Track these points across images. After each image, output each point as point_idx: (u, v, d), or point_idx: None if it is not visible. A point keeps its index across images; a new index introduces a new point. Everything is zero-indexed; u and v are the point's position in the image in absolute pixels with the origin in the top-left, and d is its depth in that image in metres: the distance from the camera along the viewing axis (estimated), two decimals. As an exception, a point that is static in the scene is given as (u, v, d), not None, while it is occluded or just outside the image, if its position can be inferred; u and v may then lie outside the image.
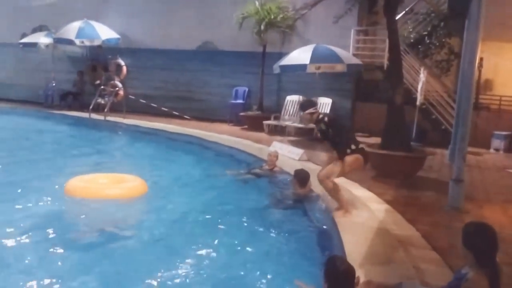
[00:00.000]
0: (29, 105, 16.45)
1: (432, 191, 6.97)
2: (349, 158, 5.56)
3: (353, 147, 5.62)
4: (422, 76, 10.85)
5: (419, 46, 12.02)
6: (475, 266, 2.87)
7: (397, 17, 9.30)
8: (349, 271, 3.14)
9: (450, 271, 3.93)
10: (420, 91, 10.85)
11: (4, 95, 17.75)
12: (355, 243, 4.60)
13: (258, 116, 13.02)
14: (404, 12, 11.60)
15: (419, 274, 4.00)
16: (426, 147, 9.33)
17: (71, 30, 14.66)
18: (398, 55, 8.36)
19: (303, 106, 5.84)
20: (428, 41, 11.92)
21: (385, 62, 11.48)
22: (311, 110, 5.71)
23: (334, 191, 5.64)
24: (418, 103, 10.91)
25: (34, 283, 3.94)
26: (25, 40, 16.32)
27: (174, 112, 14.41)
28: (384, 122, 8.25)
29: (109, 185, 6.23)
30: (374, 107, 11.77)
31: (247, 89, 14.08)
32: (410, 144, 8.23)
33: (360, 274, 3.67)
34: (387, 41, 9.26)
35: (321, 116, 5.70)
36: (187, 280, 4.10)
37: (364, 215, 5.64)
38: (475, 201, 6.42)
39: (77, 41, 14.53)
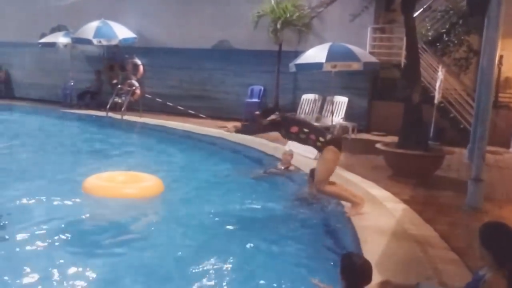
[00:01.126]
0: (48, 104, 16.67)
1: (450, 191, 6.88)
2: (326, 155, 5.46)
3: (321, 139, 5.53)
4: (440, 74, 10.71)
5: (437, 44, 11.85)
6: (493, 267, 2.82)
7: (415, 14, 9.19)
8: (366, 266, 3.13)
9: (469, 271, 3.88)
10: (438, 89, 10.72)
11: (24, 94, 18.05)
12: (372, 242, 4.57)
13: (273, 115, 12.97)
14: (422, 9, 11.46)
15: (437, 274, 3.96)
16: (444, 146, 9.20)
17: (89, 30, 14.82)
18: (416, 53, 8.26)
19: (264, 114, 5.82)
20: (446, 38, 11.75)
21: (402, 60, 11.34)
22: (272, 117, 5.70)
23: (339, 191, 5.58)
24: (436, 101, 10.78)
25: (49, 279, 4.00)
26: (44, 40, 16.54)
27: (190, 111, 14.47)
28: (401, 121, 8.17)
29: (126, 184, 6.28)
30: (391, 105, 11.65)
31: (262, 88, 14.06)
32: (428, 143, 8.14)
33: (377, 274, 3.65)
34: (404, 39, 9.15)
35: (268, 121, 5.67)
36: (204, 280, 4.11)
37: (380, 214, 5.59)
38: (494, 201, 6.31)
39: (95, 41, 14.68)
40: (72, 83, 16.43)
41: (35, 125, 13.36)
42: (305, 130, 5.70)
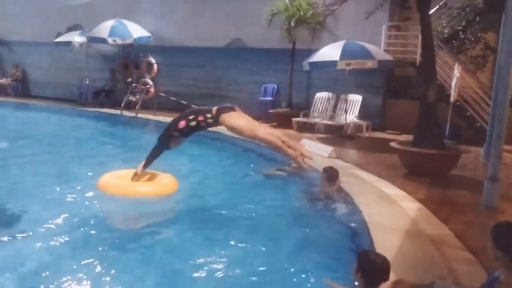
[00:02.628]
0: (64, 102, 16.88)
1: (466, 190, 6.80)
2: (229, 122, 5.88)
3: (209, 115, 5.86)
4: (456, 72, 10.57)
5: (454, 42, 11.72)
6: (508, 267, 2.77)
7: (431, 11, 9.08)
8: (385, 264, 3.11)
9: (485, 271, 3.82)
10: (454, 87, 10.58)
11: (40, 93, 18.30)
12: (386, 241, 4.53)
13: (287, 113, 12.98)
14: (437, 6, 11.34)
15: (452, 274, 3.91)
16: (460, 145, 9.09)
17: (104, 29, 14.97)
18: (432, 50, 8.17)
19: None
20: (462, 36, 11.62)
21: (418, 58, 11.25)
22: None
23: (273, 139, 5.69)
24: (452, 99, 10.65)
25: (63, 276, 4.03)
26: (60, 39, 16.75)
27: (204, 109, 14.51)
28: (416, 119, 8.09)
29: (140, 182, 6.31)
30: (405, 104, 11.55)
31: (276, 86, 14.05)
32: (443, 142, 8.03)
33: (391, 274, 3.61)
34: (420, 36, 9.05)
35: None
36: (215, 277, 4.13)
37: (395, 213, 5.55)
38: (511, 201, 6.21)
39: (110, 40, 14.82)
40: (87, 82, 16.61)
41: (51, 123, 13.53)
42: (191, 117, 5.74)
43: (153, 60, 14.91)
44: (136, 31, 15.12)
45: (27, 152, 8.98)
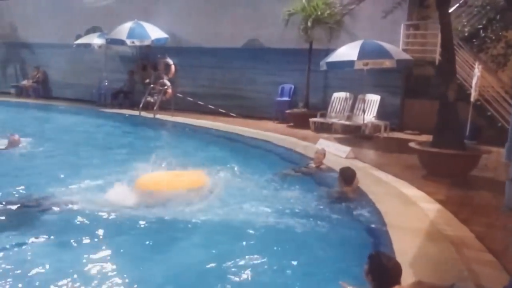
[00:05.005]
0: (83, 103, 17.11)
1: (487, 191, 6.68)
2: None
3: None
4: (477, 71, 10.39)
5: (474, 40, 11.53)
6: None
7: (450, 10, 8.95)
8: (396, 267, 3.07)
9: (507, 274, 3.76)
10: (475, 86, 10.40)
11: (61, 94, 18.59)
12: (405, 242, 4.49)
13: (304, 113, 12.94)
14: (457, 5, 11.16)
15: (472, 276, 3.85)
16: (481, 145, 8.94)
17: (123, 30, 15.13)
18: (451, 49, 8.06)
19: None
20: (483, 34, 11.41)
21: (437, 57, 11.09)
22: None
23: None
24: (472, 99, 10.47)
25: (102, 267, 4.26)
26: (79, 41, 16.99)
27: (221, 110, 14.58)
28: (435, 119, 7.98)
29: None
30: (424, 103, 11.41)
31: (293, 86, 14.01)
32: (464, 142, 7.90)
33: (410, 275, 3.58)
34: (439, 35, 8.93)
35: None
36: (234, 274, 4.16)
37: (414, 215, 5.49)
38: (534, 202, 6.08)
39: (128, 41, 14.98)
40: (106, 83, 16.81)
41: (73, 124, 13.77)
42: None
43: (170, 61, 15.01)
44: (154, 32, 15.25)
45: (53, 152, 9.23)
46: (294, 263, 4.44)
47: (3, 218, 5.45)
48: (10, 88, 19.56)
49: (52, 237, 4.94)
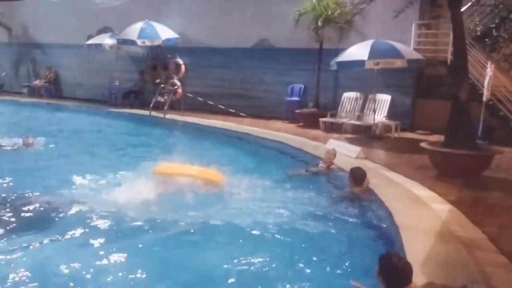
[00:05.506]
0: (94, 103, 17.24)
1: (500, 192, 6.60)
2: None
3: None
4: (489, 70, 10.27)
5: (486, 40, 11.39)
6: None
7: (462, 9, 8.86)
8: (406, 268, 3.05)
9: (521, 276, 3.71)
10: (487, 86, 10.28)
11: (72, 94, 18.75)
12: (416, 243, 4.46)
13: (314, 113, 12.90)
14: (470, 3, 11.05)
15: (485, 278, 3.81)
16: (493, 146, 8.83)
17: (133, 31, 15.21)
18: (464, 49, 7.98)
19: None
20: (496, 34, 11.27)
21: (449, 56, 10.98)
22: None
23: None
24: (484, 99, 10.35)
25: (117, 264, 4.40)
26: (91, 41, 17.11)
27: (231, 110, 14.59)
28: (447, 119, 7.91)
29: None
30: (436, 103, 11.30)
31: (303, 86, 13.98)
32: (476, 142, 7.82)
33: (422, 276, 3.55)
34: (451, 34, 8.85)
35: None
36: (247, 270, 4.22)
37: (425, 215, 5.44)
38: (548, 203, 6.00)
39: (139, 42, 15.05)
40: (117, 83, 16.91)
41: (84, 123, 13.95)
42: None
43: (181, 61, 15.07)
44: (165, 32, 15.31)
45: (65, 151, 9.40)
46: (304, 263, 4.43)
47: (21, 217, 5.53)
48: (22, 88, 19.76)
49: (68, 234, 5.01)
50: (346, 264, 4.40)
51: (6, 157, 8.54)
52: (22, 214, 5.60)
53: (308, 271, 4.29)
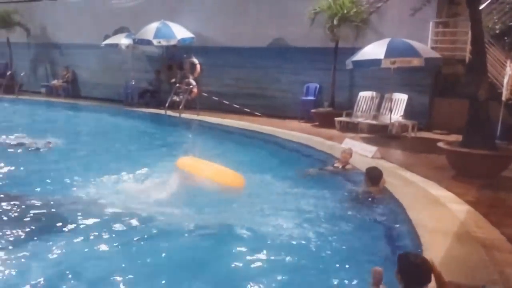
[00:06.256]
0: (111, 103, 17.40)
1: (519, 193, 6.49)
2: None
3: None
4: (509, 69, 10.09)
5: (505, 38, 11.20)
6: None
7: (481, 7, 8.73)
8: (425, 266, 3.02)
9: (541, 278, 3.64)
10: (506, 85, 10.11)
11: (89, 93, 18.95)
12: (434, 244, 4.40)
13: (329, 112, 12.84)
14: (488, 1, 10.87)
15: (503, 279, 3.75)
16: (513, 146, 8.69)
17: (149, 31, 15.31)
18: (482, 47, 7.87)
19: None
20: (515, 32, 11.08)
21: (467, 55, 10.82)
22: None
23: None
24: (503, 98, 10.18)
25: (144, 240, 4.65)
26: (107, 41, 17.26)
27: (245, 109, 14.60)
28: (465, 119, 7.80)
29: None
30: (454, 102, 11.16)
31: (318, 86, 13.91)
32: (495, 142, 7.71)
33: (439, 277, 3.49)
34: (469, 33, 8.73)
35: None
36: (264, 270, 4.25)
37: (443, 216, 5.37)
38: None
39: (155, 41, 15.15)
40: (133, 83, 17.05)
41: (102, 122, 14.14)
42: None
43: (196, 61, 15.12)
44: (180, 32, 15.38)
45: (83, 150, 9.59)
46: (319, 264, 4.41)
47: (46, 215, 5.61)
48: (40, 88, 20.06)
49: (87, 232, 5.07)
50: (361, 265, 4.37)
51: (27, 157, 8.68)
52: (45, 213, 5.67)
53: (322, 271, 4.28)
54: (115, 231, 5.08)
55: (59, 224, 5.27)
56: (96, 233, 5.02)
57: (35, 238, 4.90)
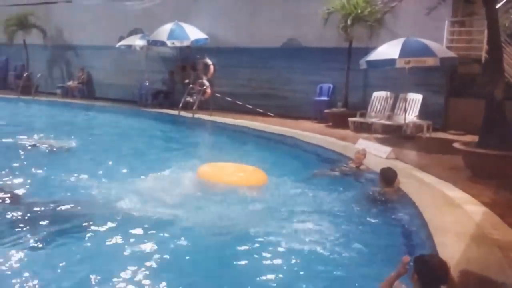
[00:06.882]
0: (125, 103, 17.54)
1: (537, 194, 6.37)
2: None
3: None
4: (526, 69, 9.95)
5: (523, 37, 11.03)
6: None
7: (498, 6, 8.61)
8: (443, 267, 2.99)
9: (560, 281, 3.57)
10: (524, 85, 9.95)
11: (104, 94, 19.13)
12: (449, 246, 4.35)
13: (343, 113, 12.77)
14: (505, 0, 10.70)
15: (522, 282, 3.68)
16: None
17: (163, 32, 15.39)
18: (499, 46, 7.78)
19: None
20: (532, 31, 10.90)
21: (483, 54, 10.69)
22: None
23: None
24: (521, 98, 10.02)
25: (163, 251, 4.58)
26: (122, 43, 17.41)
27: (259, 110, 14.60)
28: (481, 119, 7.71)
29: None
30: (470, 102, 11.02)
31: (332, 86, 13.85)
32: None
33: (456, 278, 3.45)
34: (485, 32, 8.61)
35: None
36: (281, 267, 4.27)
37: (459, 217, 5.30)
38: None
39: (169, 43, 15.22)
40: (147, 83, 17.16)
41: (117, 123, 14.30)
42: None
43: (209, 62, 15.16)
44: (194, 33, 15.44)
45: (98, 150, 9.68)
46: (333, 264, 4.39)
47: (62, 216, 5.64)
48: (56, 89, 20.30)
49: (104, 235, 5.10)
50: (375, 264, 4.34)
51: (42, 157, 8.79)
52: (61, 213, 5.70)
53: (336, 272, 4.26)
54: (131, 233, 5.05)
55: (75, 224, 5.31)
56: (113, 234, 5.02)
57: (56, 237, 4.96)
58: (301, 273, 4.28)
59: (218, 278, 4.20)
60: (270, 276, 4.17)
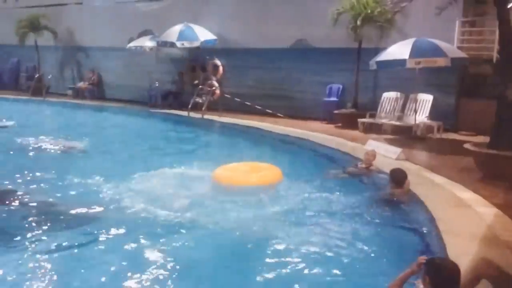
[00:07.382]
0: (136, 104, 17.64)
1: (550, 196, 6.30)
2: None
3: None
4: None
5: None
6: None
7: (509, 5, 8.52)
8: (455, 270, 2.96)
9: None
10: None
11: (114, 95, 19.25)
12: (460, 248, 4.32)
13: (352, 113, 12.72)
14: (517, -1, 10.61)
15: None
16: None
17: (173, 33, 15.47)
18: (511, 46, 7.68)
19: None
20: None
21: (495, 55, 10.58)
22: None
23: None
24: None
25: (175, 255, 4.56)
26: (132, 44, 17.52)
27: (268, 110, 14.59)
28: (493, 120, 7.64)
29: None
30: (481, 103, 10.90)
31: (341, 86, 13.81)
32: (524, 144, 7.51)
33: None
34: (497, 32, 8.53)
35: None
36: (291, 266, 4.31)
37: (469, 219, 5.26)
38: None
39: (178, 44, 15.28)
40: (156, 84, 17.24)
41: (127, 124, 14.51)
42: None
43: (218, 62, 15.20)
44: (203, 34, 15.49)
45: (108, 151, 9.81)
46: (342, 265, 4.38)
47: (71, 216, 5.73)
48: (67, 90, 20.49)
49: (121, 234, 5.16)
50: (384, 267, 4.32)
51: (54, 158, 8.87)
52: (71, 213, 5.78)
53: (344, 273, 4.24)
54: (145, 235, 5.05)
55: (88, 226, 5.37)
56: (126, 237, 5.05)
57: (70, 238, 5.02)
58: (312, 271, 4.27)
59: (236, 283, 4.20)
60: (285, 277, 4.18)
